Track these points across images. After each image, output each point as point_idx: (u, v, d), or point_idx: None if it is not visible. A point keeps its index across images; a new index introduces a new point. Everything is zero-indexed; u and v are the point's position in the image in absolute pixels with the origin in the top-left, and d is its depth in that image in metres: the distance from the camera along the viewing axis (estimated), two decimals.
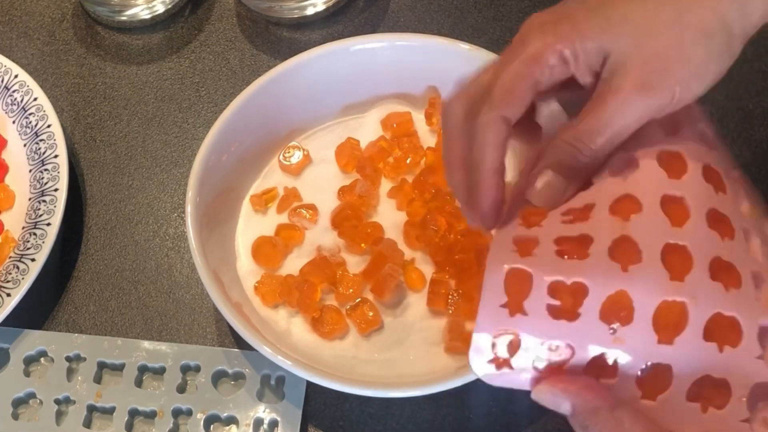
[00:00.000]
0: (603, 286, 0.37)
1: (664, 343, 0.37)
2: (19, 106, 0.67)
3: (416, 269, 0.58)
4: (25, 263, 0.59)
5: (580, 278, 0.37)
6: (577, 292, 0.37)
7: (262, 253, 0.59)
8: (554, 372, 0.38)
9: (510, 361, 0.38)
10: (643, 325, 0.37)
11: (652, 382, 0.37)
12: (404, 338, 0.56)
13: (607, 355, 0.37)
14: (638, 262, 0.37)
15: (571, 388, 0.37)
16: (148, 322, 0.60)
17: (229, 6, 0.75)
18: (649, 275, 0.37)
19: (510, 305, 0.39)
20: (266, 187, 0.63)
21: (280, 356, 0.51)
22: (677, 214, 0.39)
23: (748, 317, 0.37)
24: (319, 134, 0.65)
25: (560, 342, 0.38)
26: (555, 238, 0.40)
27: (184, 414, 0.56)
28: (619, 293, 0.37)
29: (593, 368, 0.38)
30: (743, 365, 0.36)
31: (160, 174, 0.67)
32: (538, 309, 0.38)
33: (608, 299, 0.37)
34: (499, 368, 0.39)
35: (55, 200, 0.61)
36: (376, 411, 0.55)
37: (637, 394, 0.37)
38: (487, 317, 0.39)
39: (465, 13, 0.72)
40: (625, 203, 0.39)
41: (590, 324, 0.37)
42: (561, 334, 0.37)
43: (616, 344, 0.37)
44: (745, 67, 0.65)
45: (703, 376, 0.37)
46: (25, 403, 0.58)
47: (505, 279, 0.39)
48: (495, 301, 0.39)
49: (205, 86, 0.71)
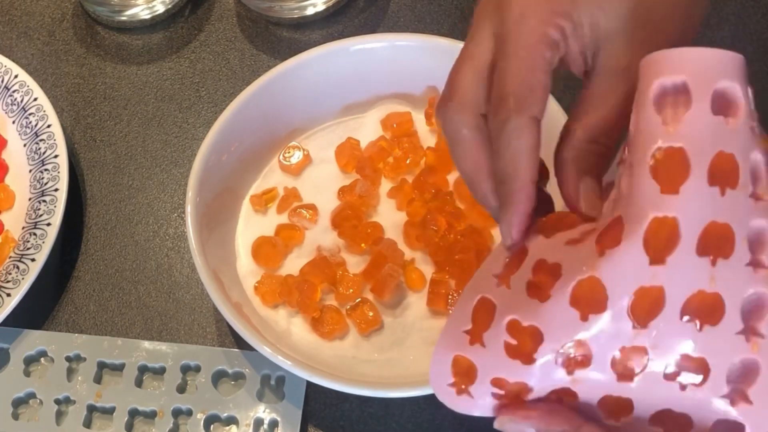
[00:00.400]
0: (559, 335, 0.36)
1: (624, 381, 0.36)
2: (19, 106, 0.67)
3: (416, 269, 0.58)
4: (25, 263, 0.59)
5: (536, 323, 0.36)
6: (534, 335, 0.36)
7: (262, 253, 0.59)
8: (514, 399, 0.37)
9: (469, 389, 0.38)
10: (600, 368, 0.36)
11: (613, 408, 0.37)
12: (404, 338, 0.56)
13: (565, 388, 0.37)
14: (601, 312, 0.35)
15: (532, 414, 0.36)
16: (148, 322, 0.60)
17: (229, 6, 0.75)
18: (609, 327, 0.35)
19: (471, 333, 0.38)
20: (266, 187, 0.63)
21: (280, 356, 0.51)
22: (664, 244, 0.35)
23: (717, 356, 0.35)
24: (319, 134, 0.65)
25: (517, 380, 0.37)
26: (536, 261, 0.38)
27: (184, 414, 0.56)
28: (576, 342, 0.35)
29: (554, 393, 0.37)
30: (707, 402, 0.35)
31: (160, 174, 0.67)
32: (496, 344, 0.37)
33: (562, 347, 0.36)
34: (459, 394, 0.38)
35: (55, 200, 0.61)
36: (376, 411, 0.55)
37: (600, 416, 0.37)
38: (449, 337, 0.38)
39: (465, 13, 0.72)
40: (610, 228, 0.37)
41: (547, 368, 0.36)
42: (517, 373, 0.36)
43: (576, 384, 0.36)
44: None
45: (664, 409, 0.36)
46: (25, 403, 0.58)
47: (474, 307, 0.39)
48: (459, 323, 0.38)
49: (205, 86, 0.71)
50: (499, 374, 0.37)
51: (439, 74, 0.62)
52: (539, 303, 0.36)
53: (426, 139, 0.63)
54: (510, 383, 0.37)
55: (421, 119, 0.64)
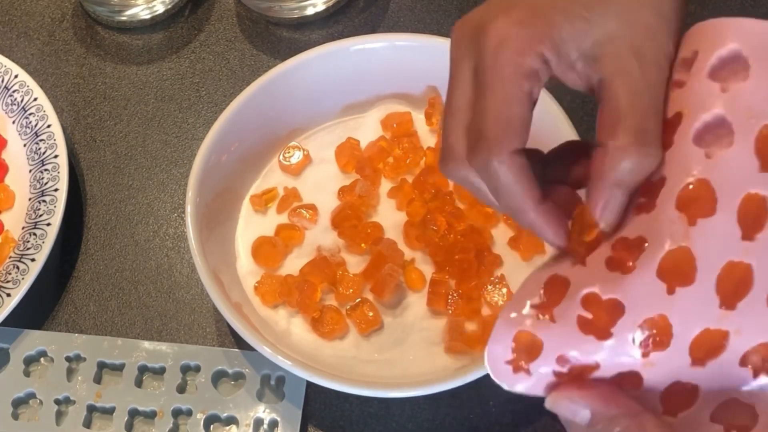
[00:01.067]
0: (642, 307, 0.34)
1: (697, 366, 0.35)
2: (19, 106, 0.67)
3: (416, 269, 0.58)
4: (25, 263, 0.59)
5: (618, 296, 0.35)
6: (613, 309, 0.35)
7: (262, 253, 0.59)
8: (574, 379, 0.36)
9: (529, 366, 0.36)
10: (678, 350, 0.34)
11: (677, 398, 0.35)
12: (404, 338, 0.56)
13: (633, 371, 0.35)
14: (689, 284, 0.34)
15: (591, 394, 0.35)
16: (148, 322, 0.60)
17: (229, 6, 0.75)
18: (695, 302, 0.34)
19: (540, 307, 0.36)
20: (266, 187, 0.63)
21: (280, 356, 0.51)
22: (753, 220, 0.34)
23: None
24: (319, 134, 0.65)
25: (586, 358, 0.35)
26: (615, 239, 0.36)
27: (184, 414, 0.56)
28: (658, 317, 0.34)
29: (617, 379, 0.36)
30: None
31: (160, 174, 0.67)
32: (569, 319, 0.35)
33: (645, 322, 0.34)
34: (516, 372, 0.36)
35: (55, 200, 0.61)
36: (376, 411, 0.55)
37: (659, 409, 0.36)
38: (513, 313, 0.37)
39: (465, 13, 0.72)
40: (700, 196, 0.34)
41: (622, 347, 0.34)
42: (588, 350, 0.35)
43: (646, 368, 0.35)
44: None
45: (730, 398, 0.35)
46: (25, 403, 0.58)
47: (545, 283, 0.37)
48: (526, 298, 0.37)
49: (205, 86, 0.71)
50: (567, 350, 0.35)
51: (439, 74, 0.62)
52: (621, 275, 0.35)
53: (426, 139, 0.63)
54: (577, 360, 0.35)
55: (421, 119, 0.64)
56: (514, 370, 0.36)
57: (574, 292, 0.36)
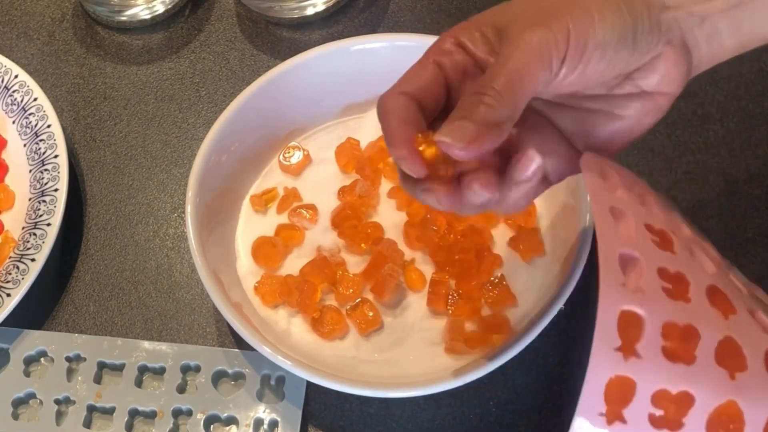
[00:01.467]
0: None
1: None
2: (19, 106, 0.67)
3: (416, 269, 0.58)
4: (25, 263, 0.59)
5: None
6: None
7: (262, 253, 0.59)
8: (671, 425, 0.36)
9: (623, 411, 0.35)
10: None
11: None
12: (404, 338, 0.56)
13: None
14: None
15: None
16: (148, 322, 0.60)
17: (229, 6, 0.75)
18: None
19: (623, 349, 0.36)
20: (266, 187, 0.63)
21: (280, 356, 0.51)
22: None
23: None
24: (319, 134, 0.65)
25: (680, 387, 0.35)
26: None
27: (184, 414, 0.56)
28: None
29: None
30: None
31: (160, 174, 0.67)
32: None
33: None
34: (610, 423, 0.35)
35: (55, 200, 0.61)
36: (376, 411, 0.55)
37: None
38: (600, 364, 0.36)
39: (465, 13, 0.72)
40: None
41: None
42: (679, 380, 0.35)
43: None
44: (745, 67, 0.65)
45: None
46: (25, 403, 0.58)
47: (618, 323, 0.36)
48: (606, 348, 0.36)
49: (205, 86, 0.71)
50: (660, 385, 0.35)
51: None
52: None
53: None
54: (672, 395, 0.35)
55: None
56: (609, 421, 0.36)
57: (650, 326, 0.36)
